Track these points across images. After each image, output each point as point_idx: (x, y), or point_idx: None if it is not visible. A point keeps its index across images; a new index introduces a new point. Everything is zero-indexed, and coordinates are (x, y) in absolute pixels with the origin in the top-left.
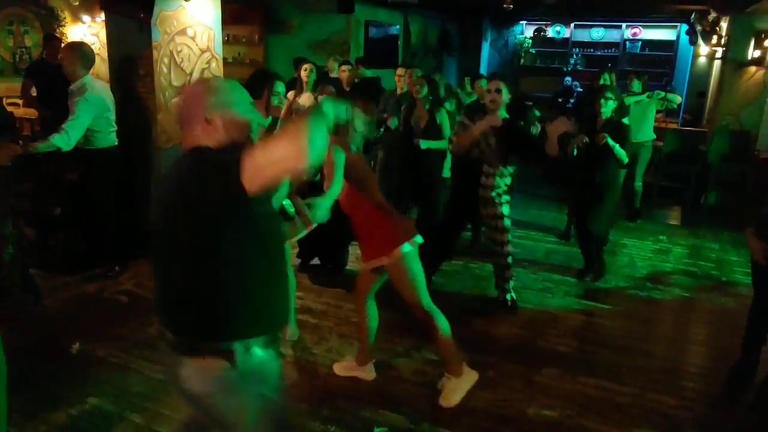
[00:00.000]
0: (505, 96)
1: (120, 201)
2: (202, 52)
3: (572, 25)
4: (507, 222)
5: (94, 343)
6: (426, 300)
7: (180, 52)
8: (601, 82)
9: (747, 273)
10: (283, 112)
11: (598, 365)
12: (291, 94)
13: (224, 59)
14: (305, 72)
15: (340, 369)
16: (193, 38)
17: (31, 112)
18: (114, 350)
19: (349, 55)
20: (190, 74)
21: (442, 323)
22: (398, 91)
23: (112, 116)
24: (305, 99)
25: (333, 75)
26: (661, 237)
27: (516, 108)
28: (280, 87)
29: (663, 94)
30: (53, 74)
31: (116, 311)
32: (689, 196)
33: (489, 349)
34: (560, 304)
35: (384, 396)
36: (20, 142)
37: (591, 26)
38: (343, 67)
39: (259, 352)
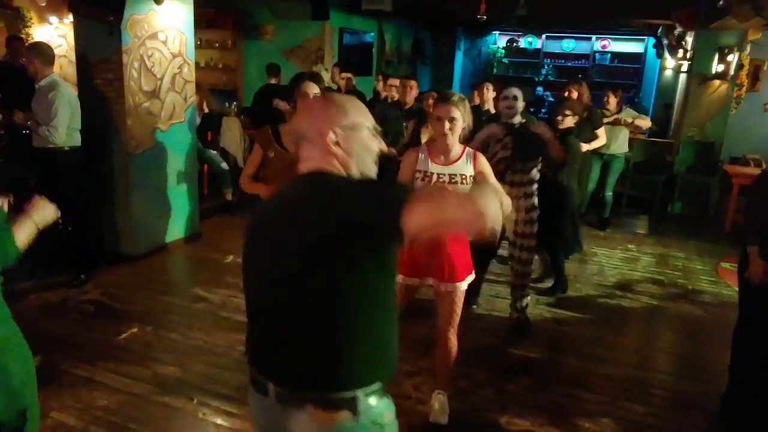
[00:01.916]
0: (521, 103)
1: (84, 206)
2: (174, 56)
3: (544, 36)
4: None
5: (57, 354)
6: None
7: (151, 56)
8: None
9: (712, 281)
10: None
11: (569, 373)
12: (282, 103)
13: (196, 63)
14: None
15: None
16: (164, 43)
17: None
18: (78, 362)
19: (323, 61)
20: (161, 79)
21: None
22: (388, 101)
23: (77, 117)
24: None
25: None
26: (629, 246)
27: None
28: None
29: (633, 115)
30: (17, 76)
31: (81, 321)
32: (656, 205)
33: (460, 358)
34: (531, 312)
35: None
36: None
37: (562, 38)
38: (344, 75)
39: (377, 400)
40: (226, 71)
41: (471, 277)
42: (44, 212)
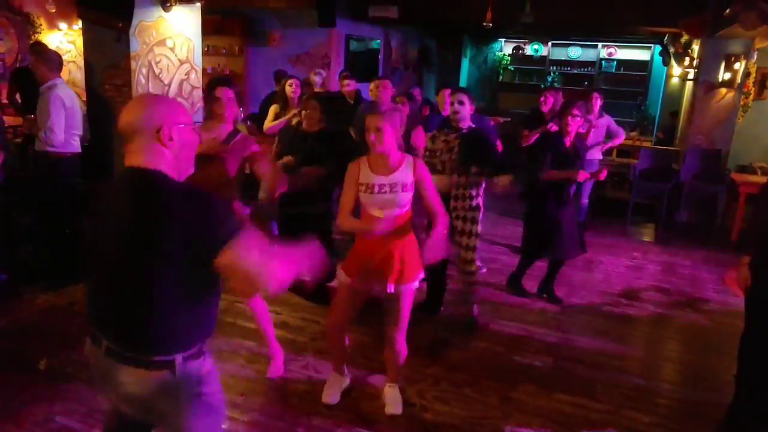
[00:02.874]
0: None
1: (85, 211)
2: (181, 63)
3: (550, 43)
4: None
5: (63, 358)
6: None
7: (158, 62)
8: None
9: (718, 290)
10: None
11: (574, 382)
12: (274, 107)
13: (203, 70)
14: (291, 87)
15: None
16: (172, 49)
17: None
18: (83, 367)
19: (329, 68)
20: (169, 85)
21: None
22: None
23: (76, 121)
24: (292, 114)
25: (316, 89)
26: (635, 254)
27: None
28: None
29: (611, 131)
30: (36, 81)
31: (86, 325)
32: (662, 213)
33: (464, 365)
34: (536, 320)
35: (359, 413)
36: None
37: (568, 45)
38: (347, 81)
39: (195, 359)
40: (233, 77)
41: (420, 276)
42: None
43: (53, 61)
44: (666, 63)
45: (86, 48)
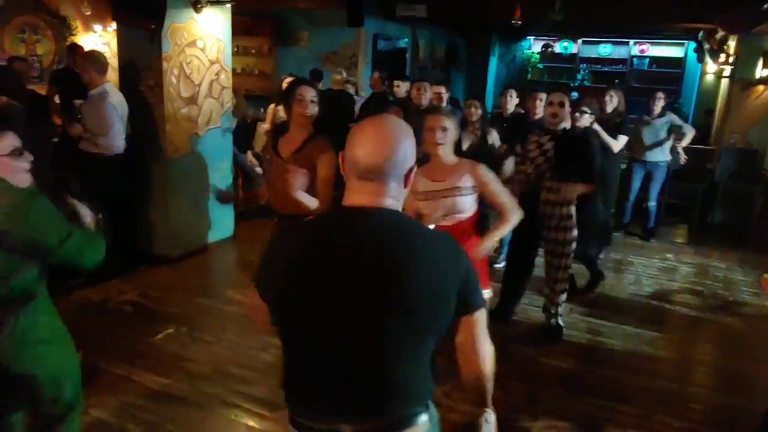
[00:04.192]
0: (567, 110)
1: (125, 210)
2: (212, 63)
3: (580, 41)
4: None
5: (97, 353)
6: None
7: (189, 63)
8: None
9: (754, 293)
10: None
11: (603, 384)
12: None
13: (233, 70)
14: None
15: None
16: (203, 50)
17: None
18: (117, 361)
19: (357, 68)
20: (199, 85)
21: None
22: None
23: (126, 125)
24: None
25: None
26: (667, 255)
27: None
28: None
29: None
30: (76, 82)
31: (120, 321)
32: (696, 214)
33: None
34: (565, 321)
35: None
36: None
37: (599, 42)
38: (436, 89)
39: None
40: (262, 77)
41: (486, 287)
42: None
43: (101, 64)
44: (700, 60)
45: (120, 49)
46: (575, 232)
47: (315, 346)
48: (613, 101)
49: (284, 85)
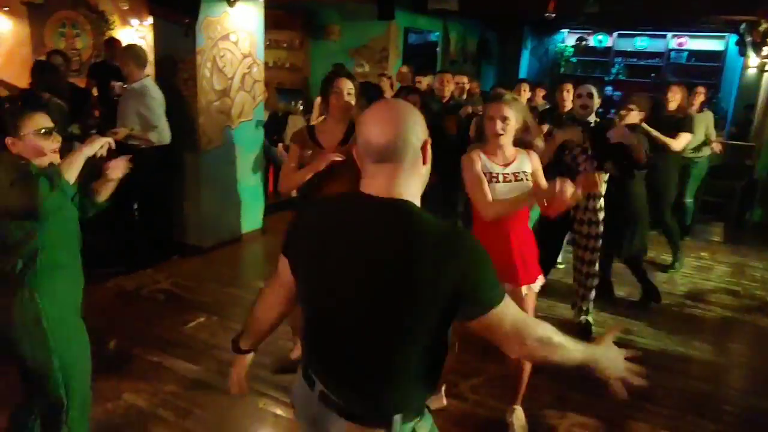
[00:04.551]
0: (596, 101)
1: (159, 200)
2: (244, 56)
3: (615, 34)
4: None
5: (130, 340)
6: None
7: (222, 57)
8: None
9: None
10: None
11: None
12: (318, 101)
13: (264, 63)
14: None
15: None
16: (235, 43)
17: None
18: (149, 348)
19: (387, 62)
20: (232, 78)
21: None
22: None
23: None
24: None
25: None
26: (702, 254)
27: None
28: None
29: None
30: (113, 75)
31: (153, 309)
32: (733, 212)
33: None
34: (595, 318)
35: None
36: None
37: (634, 35)
38: (465, 78)
39: (411, 421)
40: (293, 71)
41: (540, 276)
42: (95, 146)
43: (141, 58)
44: (742, 53)
45: (156, 43)
46: (601, 228)
47: (327, 328)
48: (676, 98)
49: (403, 70)
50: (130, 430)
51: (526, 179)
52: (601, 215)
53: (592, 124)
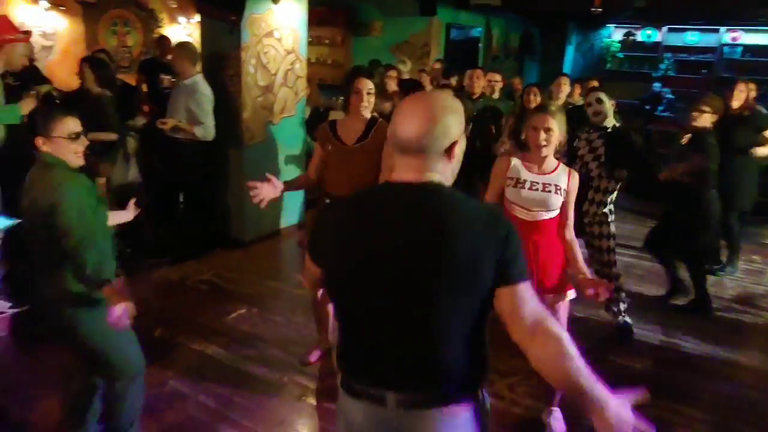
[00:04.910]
0: (608, 105)
1: (203, 194)
2: (287, 53)
3: (664, 28)
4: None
5: (175, 328)
6: None
7: (266, 53)
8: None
9: None
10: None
11: (677, 388)
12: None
13: (307, 59)
14: (392, 80)
15: None
16: (279, 40)
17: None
18: (193, 337)
19: (429, 57)
20: (275, 74)
21: None
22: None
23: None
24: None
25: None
26: (754, 257)
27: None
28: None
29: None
30: (162, 71)
31: (196, 300)
32: None
33: None
34: (637, 320)
35: None
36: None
37: (685, 30)
38: (498, 77)
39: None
40: (335, 67)
41: (573, 293)
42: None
43: (194, 55)
44: None
45: (203, 40)
46: (612, 228)
47: (363, 316)
48: (741, 95)
49: (436, 66)
50: (174, 415)
51: (556, 193)
52: (609, 217)
53: (609, 130)
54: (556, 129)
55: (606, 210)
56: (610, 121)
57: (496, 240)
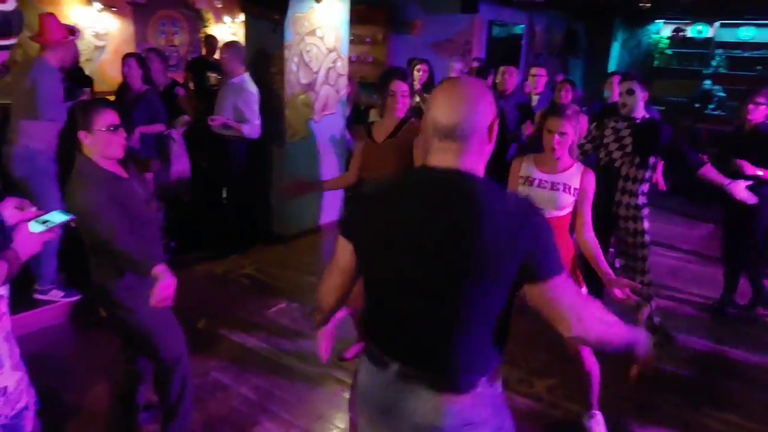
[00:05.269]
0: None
1: (246, 190)
2: (329, 51)
3: (717, 24)
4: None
5: (218, 321)
6: None
7: (309, 51)
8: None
9: None
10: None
11: (726, 397)
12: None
13: (348, 58)
14: (419, 72)
15: None
16: (321, 38)
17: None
18: (234, 330)
19: (470, 55)
20: (317, 72)
21: None
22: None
23: None
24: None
25: (452, 75)
26: None
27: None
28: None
29: None
30: (209, 70)
31: (238, 293)
32: None
33: (600, 367)
34: (685, 326)
35: None
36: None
37: (739, 25)
38: (543, 71)
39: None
40: (376, 65)
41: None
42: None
43: (243, 54)
44: None
45: (247, 39)
46: (646, 224)
47: (388, 289)
48: None
49: (414, 72)
50: (216, 405)
51: (564, 191)
52: (643, 213)
53: (638, 121)
54: (571, 132)
55: (638, 202)
56: (640, 113)
57: (527, 233)
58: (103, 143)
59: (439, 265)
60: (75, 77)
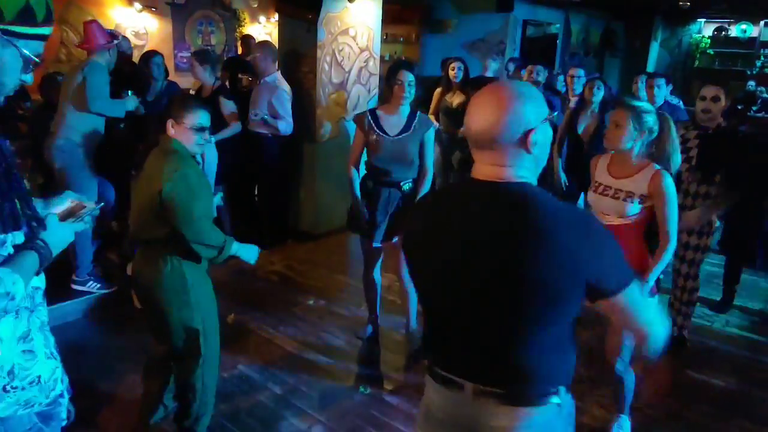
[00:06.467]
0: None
1: (278, 188)
2: (362, 51)
3: (762, 22)
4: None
5: (247, 315)
6: None
7: (341, 51)
8: None
9: None
10: (431, 109)
11: (761, 408)
12: (438, 91)
13: (380, 57)
14: (453, 71)
15: None
16: (353, 38)
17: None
18: (263, 325)
19: (504, 55)
20: (349, 72)
21: None
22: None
23: None
24: (456, 97)
25: (487, 74)
26: None
27: None
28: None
29: None
30: (244, 69)
31: (267, 289)
32: None
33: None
34: (719, 333)
35: None
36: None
37: None
38: (581, 71)
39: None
40: None
41: None
42: None
43: (275, 53)
44: None
45: (281, 38)
46: (709, 241)
47: (447, 311)
48: None
49: (449, 70)
50: (243, 399)
51: (626, 199)
52: (713, 228)
53: (710, 131)
54: (629, 125)
55: (714, 217)
56: (715, 122)
57: (587, 253)
58: (185, 139)
59: (496, 287)
60: (131, 77)
